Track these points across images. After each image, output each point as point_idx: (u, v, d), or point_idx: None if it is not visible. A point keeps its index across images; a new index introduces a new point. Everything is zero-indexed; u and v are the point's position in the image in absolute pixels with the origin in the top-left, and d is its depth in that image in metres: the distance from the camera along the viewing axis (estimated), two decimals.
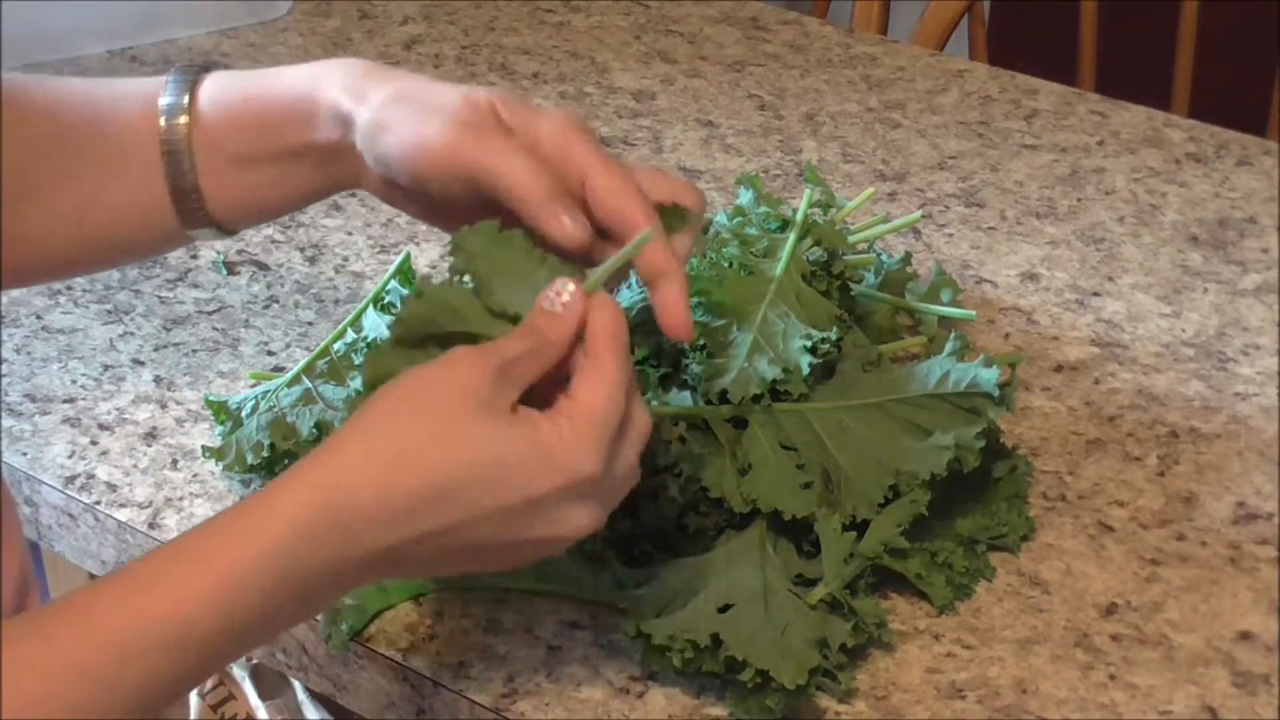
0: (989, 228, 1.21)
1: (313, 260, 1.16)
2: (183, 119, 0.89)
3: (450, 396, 0.73)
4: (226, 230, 0.92)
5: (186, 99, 0.89)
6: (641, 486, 0.86)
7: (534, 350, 0.75)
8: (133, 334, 1.09)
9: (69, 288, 1.13)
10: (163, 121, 0.89)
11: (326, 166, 0.89)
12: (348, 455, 0.73)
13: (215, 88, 0.90)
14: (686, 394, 0.89)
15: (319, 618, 0.87)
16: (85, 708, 0.67)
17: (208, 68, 0.91)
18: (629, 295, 0.94)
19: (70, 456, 0.99)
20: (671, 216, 0.82)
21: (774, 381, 0.88)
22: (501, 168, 0.81)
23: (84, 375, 1.05)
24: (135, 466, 0.98)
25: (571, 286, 0.76)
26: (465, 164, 0.82)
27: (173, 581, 0.70)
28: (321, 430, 0.93)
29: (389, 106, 0.84)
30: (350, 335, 1.00)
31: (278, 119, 0.88)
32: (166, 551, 0.71)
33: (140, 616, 0.69)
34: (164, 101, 0.89)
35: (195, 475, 0.97)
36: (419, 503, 0.72)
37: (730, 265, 0.95)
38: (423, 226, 1.18)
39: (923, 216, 1.18)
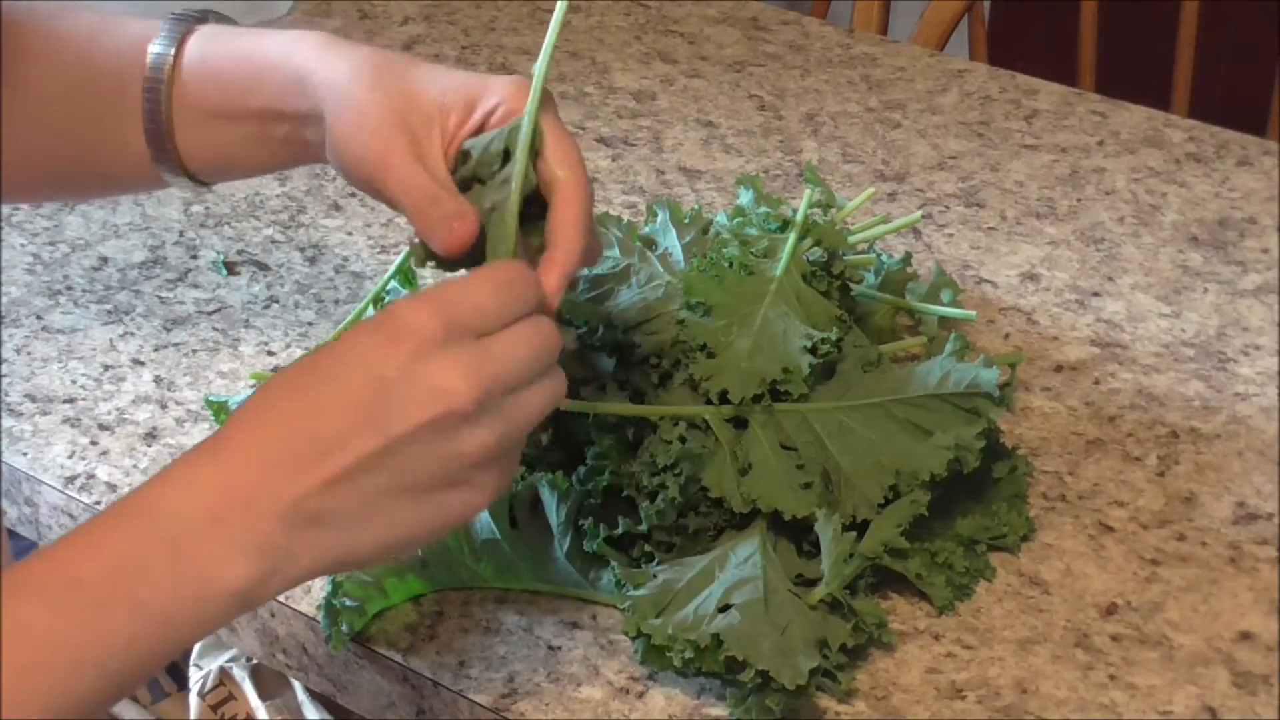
0: (989, 228, 1.21)
1: (313, 260, 1.16)
2: (166, 70, 0.93)
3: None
4: (198, 182, 0.96)
5: (173, 51, 0.93)
6: (641, 486, 0.87)
7: None
8: (133, 334, 1.09)
9: (69, 288, 1.13)
10: (148, 69, 0.93)
11: (297, 132, 0.91)
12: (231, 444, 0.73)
13: (201, 44, 0.93)
14: (687, 394, 0.89)
15: (320, 618, 0.87)
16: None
17: (203, 18, 0.95)
18: (629, 295, 0.94)
19: (70, 456, 0.99)
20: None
21: (774, 381, 0.88)
22: (400, 183, 0.85)
23: (84, 375, 1.05)
24: (135, 466, 0.98)
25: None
26: (376, 176, 0.86)
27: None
28: None
29: (343, 105, 0.87)
30: None
31: (253, 82, 0.91)
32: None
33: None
34: (152, 50, 0.93)
35: None
36: (294, 433, 0.72)
37: (730, 265, 0.95)
38: None
39: (923, 216, 1.18)
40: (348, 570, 0.83)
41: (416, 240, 0.84)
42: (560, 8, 0.84)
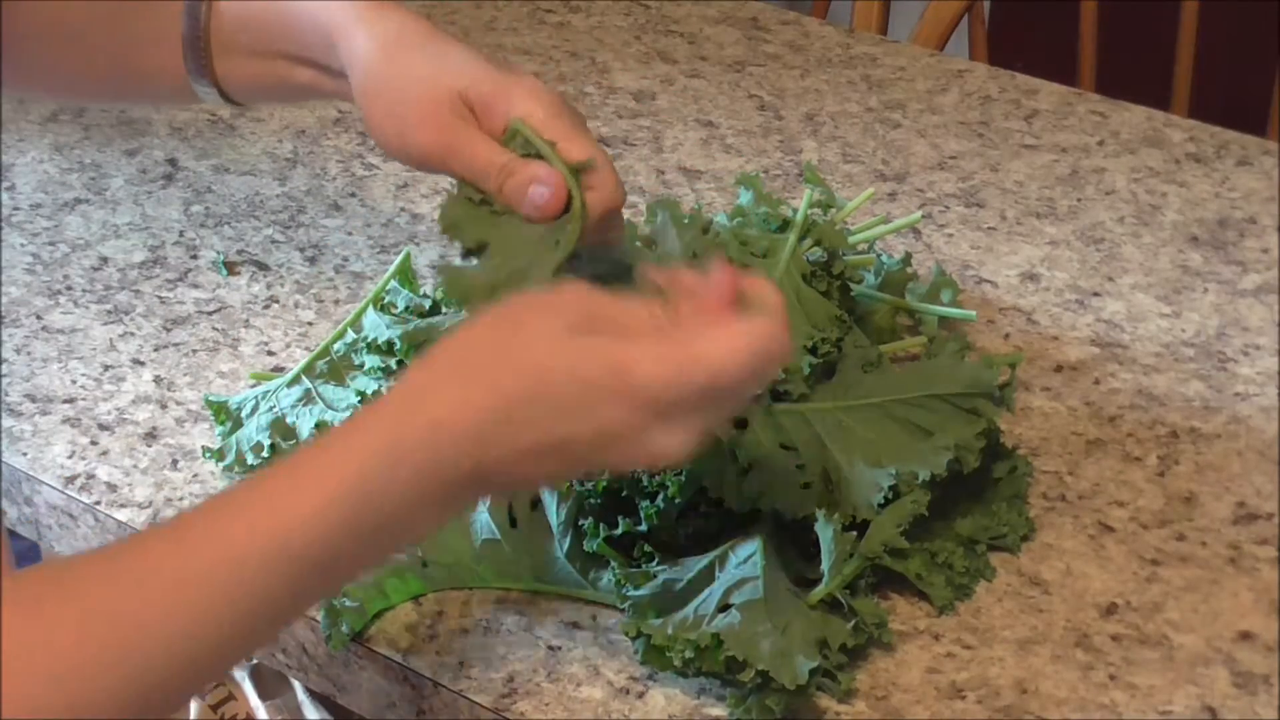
0: (989, 228, 1.21)
1: (313, 260, 1.16)
2: (203, 11, 0.98)
3: (536, 310, 0.75)
4: (233, 102, 1.01)
5: None
6: (641, 486, 0.87)
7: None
8: (133, 334, 1.09)
9: (69, 288, 1.13)
10: (185, 7, 0.98)
11: (319, 81, 0.97)
12: (433, 371, 0.74)
13: None
14: None
15: (320, 618, 0.87)
16: (183, 630, 0.69)
17: None
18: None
19: (70, 456, 0.99)
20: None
21: (774, 381, 0.88)
22: (468, 166, 0.88)
23: (84, 375, 1.05)
24: (135, 466, 0.98)
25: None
26: (438, 162, 0.89)
27: (270, 502, 0.71)
28: (321, 431, 0.93)
29: (373, 84, 0.91)
30: (350, 335, 1.00)
31: (279, 29, 0.96)
32: (262, 475, 0.73)
33: (236, 540, 0.70)
34: None
35: (195, 475, 0.97)
36: (491, 422, 0.72)
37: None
38: (423, 226, 1.18)
39: (923, 216, 1.18)
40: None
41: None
42: None
